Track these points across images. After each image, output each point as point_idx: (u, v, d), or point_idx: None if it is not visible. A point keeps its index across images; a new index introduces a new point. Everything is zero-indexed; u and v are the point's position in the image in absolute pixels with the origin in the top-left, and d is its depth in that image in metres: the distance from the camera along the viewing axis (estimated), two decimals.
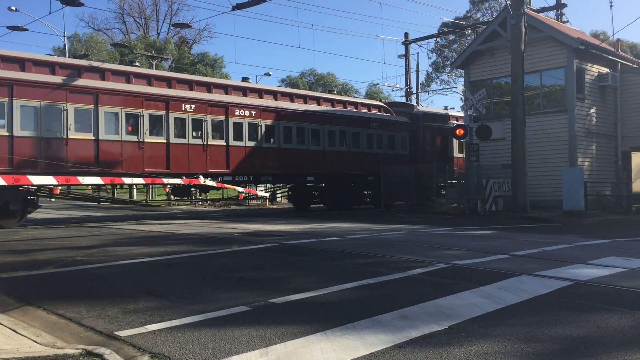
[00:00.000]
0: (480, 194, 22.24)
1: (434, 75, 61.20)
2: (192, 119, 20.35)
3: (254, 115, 22.47)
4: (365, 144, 26.89)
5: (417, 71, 50.86)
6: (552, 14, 33.20)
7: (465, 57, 27.04)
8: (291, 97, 24.92)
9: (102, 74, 18.91)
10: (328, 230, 15.01)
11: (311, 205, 27.79)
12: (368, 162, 26.83)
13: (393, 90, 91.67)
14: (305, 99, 25.42)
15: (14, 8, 39.12)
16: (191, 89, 21.08)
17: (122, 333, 5.12)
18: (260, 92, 23.74)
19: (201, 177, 20.56)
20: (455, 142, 31.37)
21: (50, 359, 4.42)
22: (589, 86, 24.57)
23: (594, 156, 24.77)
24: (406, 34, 46.66)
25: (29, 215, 17.92)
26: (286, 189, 28.99)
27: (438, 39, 55.94)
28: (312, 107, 25.08)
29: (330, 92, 29.63)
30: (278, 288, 7.09)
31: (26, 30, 34.44)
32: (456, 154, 32.12)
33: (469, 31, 47.97)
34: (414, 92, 49.09)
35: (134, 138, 18.88)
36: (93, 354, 4.51)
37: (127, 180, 18.78)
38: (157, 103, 19.59)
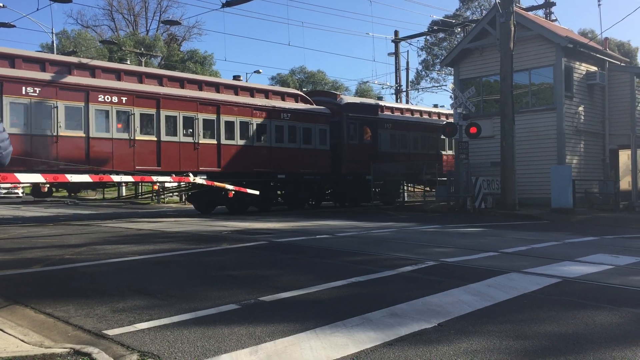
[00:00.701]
0: (469, 192, 22.33)
1: (423, 73, 61.39)
2: (66, 107, 18.14)
3: (124, 102, 19.34)
4: (274, 138, 23.73)
5: (407, 69, 51.01)
6: (541, 12, 33.37)
7: (454, 55, 27.13)
8: (182, 82, 21.77)
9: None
10: (318, 228, 15.02)
11: (217, 207, 24.29)
12: (278, 158, 23.78)
13: (383, 88, 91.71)
14: (200, 85, 22.32)
15: (1, 4, 38.74)
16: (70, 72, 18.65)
17: (111, 332, 5.09)
18: (141, 77, 20.62)
19: (191, 175, 20.49)
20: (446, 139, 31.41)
21: (38, 358, 4.39)
22: (577, 84, 24.74)
23: (582, 154, 24.95)
24: (396, 32, 46.72)
25: (17, 214, 17.76)
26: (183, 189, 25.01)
27: (428, 37, 56.13)
28: (206, 94, 21.92)
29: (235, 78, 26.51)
30: (268, 286, 7.08)
31: (14, 26, 34.08)
32: (446, 151, 32.16)
33: (459, 29, 48.14)
34: (404, 90, 49.19)
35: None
36: (81, 353, 4.48)
37: (116, 178, 18.66)
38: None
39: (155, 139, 20.10)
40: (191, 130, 21.14)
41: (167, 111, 20.49)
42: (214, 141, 21.86)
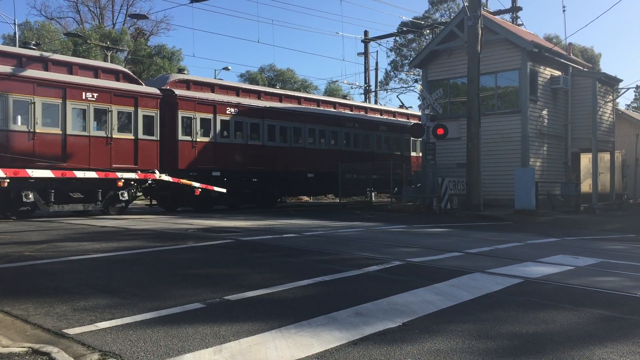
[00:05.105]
0: (436, 192, 22.57)
1: (392, 73, 61.72)
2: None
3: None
4: None
5: (376, 69, 51.30)
6: (507, 16, 33.95)
7: (423, 57, 27.37)
8: None
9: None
10: (285, 227, 14.98)
11: None
12: None
13: (352, 88, 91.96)
14: None
15: None
16: None
17: (71, 331, 4.98)
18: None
19: (157, 172, 20.23)
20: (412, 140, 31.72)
21: None
22: (541, 88, 25.23)
23: (545, 157, 25.46)
24: (366, 32, 47.01)
25: None
26: None
27: (397, 38, 56.45)
28: None
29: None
30: (233, 285, 7.03)
31: None
32: (416, 152, 32.35)
33: (428, 31, 48.58)
34: (373, 90, 49.45)
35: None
36: (40, 353, 4.38)
37: (79, 174, 18.30)
38: None
39: None
40: None
41: None
42: None
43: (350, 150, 29.11)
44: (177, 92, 21.96)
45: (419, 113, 34.86)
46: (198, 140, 22.37)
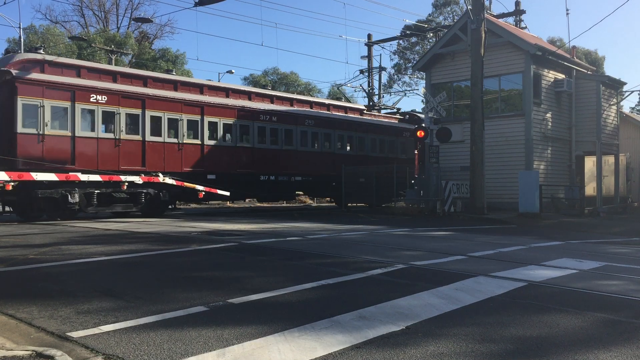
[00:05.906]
0: (439, 196, 22.55)
1: (396, 76, 61.74)
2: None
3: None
4: None
5: (380, 72, 51.23)
6: (511, 19, 33.96)
7: (426, 60, 27.37)
8: None
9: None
10: (288, 230, 14.98)
11: None
12: None
13: (355, 91, 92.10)
14: None
15: None
16: None
17: (75, 334, 5.00)
18: None
19: (160, 174, 20.26)
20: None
21: None
22: (545, 91, 25.20)
23: (549, 160, 25.41)
24: (369, 35, 46.95)
25: None
26: None
27: (400, 41, 56.52)
28: None
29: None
30: (237, 288, 7.03)
31: None
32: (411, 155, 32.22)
33: (431, 34, 48.60)
34: (377, 93, 49.44)
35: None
36: (44, 356, 4.39)
37: (82, 177, 18.35)
38: None
39: None
40: None
41: None
42: None
43: (265, 147, 24.86)
44: (17, 73, 17.58)
45: (358, 106, 33.98)
46: (47, 133, 18.01)
